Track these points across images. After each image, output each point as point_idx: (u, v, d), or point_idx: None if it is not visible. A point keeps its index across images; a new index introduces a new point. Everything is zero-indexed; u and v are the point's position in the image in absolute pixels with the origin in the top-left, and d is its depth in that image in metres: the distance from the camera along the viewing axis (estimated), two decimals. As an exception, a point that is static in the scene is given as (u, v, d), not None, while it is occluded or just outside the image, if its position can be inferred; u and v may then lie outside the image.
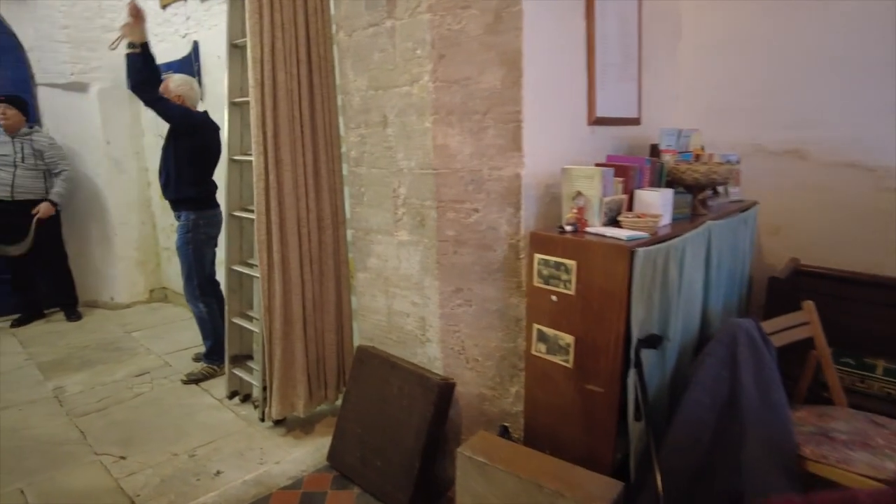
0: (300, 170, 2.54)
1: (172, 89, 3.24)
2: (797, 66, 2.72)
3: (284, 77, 2.43)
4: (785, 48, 2.76)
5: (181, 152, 3.22)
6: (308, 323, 2.69)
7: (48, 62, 4.58)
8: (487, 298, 2.18)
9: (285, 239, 2.55)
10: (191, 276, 3.35)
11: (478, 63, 2.05)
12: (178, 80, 3.29)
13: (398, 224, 2.32)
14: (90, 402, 3.20)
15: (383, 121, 2.28)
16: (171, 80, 3.28)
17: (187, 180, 3.24)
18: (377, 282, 2.48)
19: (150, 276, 5.13)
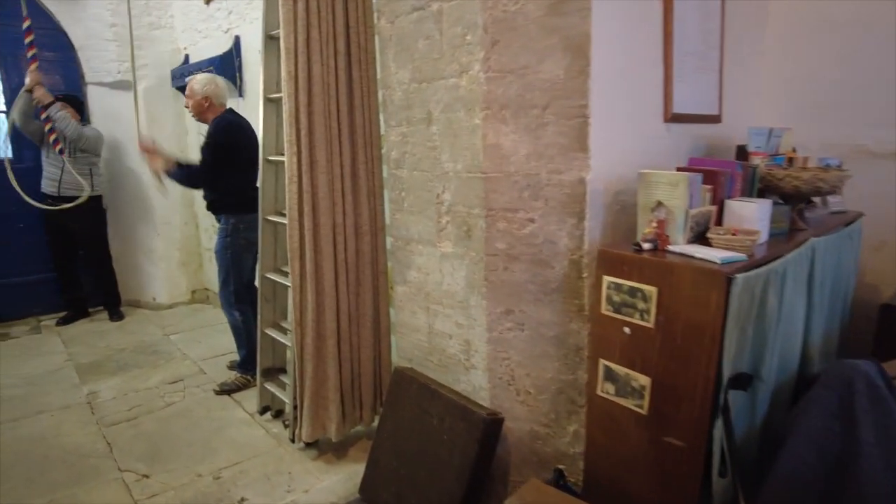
0: (336, 171, 2.31)
1: (198, 91, 3.08)
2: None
3: (320, 70, 2.20)
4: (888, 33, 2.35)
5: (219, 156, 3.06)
6: (342, 338, 2.46)
7: (97, 61, 4.55)
8: (543, 323, 1.89)
9: (319, 247, 2.32)
10: (227, 282, 3.19)
11: (537, 50, 1.76)
12: (203, 80, 3.12)
13: (441, 234, 2.05)
14: (121, 409, 3.08)
15: (427, 117, 2.02)
16: (195, 81, 3.12)
17: (223, 187, 3.08)
18: (417, 297, 2.22)
19: (192, 276, 5.06)
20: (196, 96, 3.08)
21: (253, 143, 3.07)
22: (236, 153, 3.03)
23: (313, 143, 2.23)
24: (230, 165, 3.04)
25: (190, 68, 4.23)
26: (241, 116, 3.16)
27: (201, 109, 3.11)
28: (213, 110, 3.11)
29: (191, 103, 3.10)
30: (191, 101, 3.09)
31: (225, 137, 3.00)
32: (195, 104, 3.10)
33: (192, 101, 3.09)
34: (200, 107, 3.10)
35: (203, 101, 3.08)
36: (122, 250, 4.82)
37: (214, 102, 3.11)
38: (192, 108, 3.12)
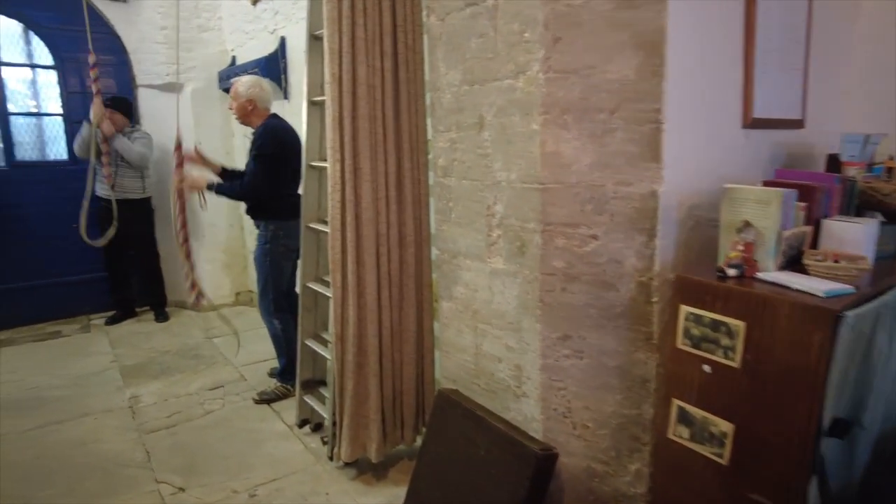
0: (381, 179, 2.18)
1: (243, 93, 3.01)
2: None
3: (366, 71, 2.08)
4: None
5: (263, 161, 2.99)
6: (384, 354, 2.33)
7: (147, 63, 4.59)
8: (605, 351, 1.70)
9: (362, 258, 2.20)
10: (266, 290, 3.11)
11: (604, 47, 1.58)
12: (248, 82, 3.05)
13: (492, 249, 1.89)
14: (161, 416, 3.04)
15: (479, 122, 1.87)
16: (240, 83, 3.05)
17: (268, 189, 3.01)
18: (464, 315, 2.07)
19: (236, 278, 5.05)
20: (240, 99, 3.01)
21: (297, 149, 2.99)
22: (284, 159, 2.95)
23: (357, 150, 2.11)
24: (275, 171, 2.96)
25: (236, 70, 4.20)
26: (284, 121, 3.07)
27: (245, 112, 3.05)
28: (257, 114, 3.04)
29: (235, 106, 3.04)
30: (235, 103, 3.03)
31: (271, 147, 2.92)
32: (239, 107, 3.03)
33: (237, 104, 3.03)
34: (244, 110, 3.04)
35: (247, 103, 3.02)
36: (169, 251, 4.83)
37: (259, 106, 3.04)
38: (236, 110, 3.05)
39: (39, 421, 3.02)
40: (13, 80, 4.46)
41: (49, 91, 4.58)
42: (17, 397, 3.31)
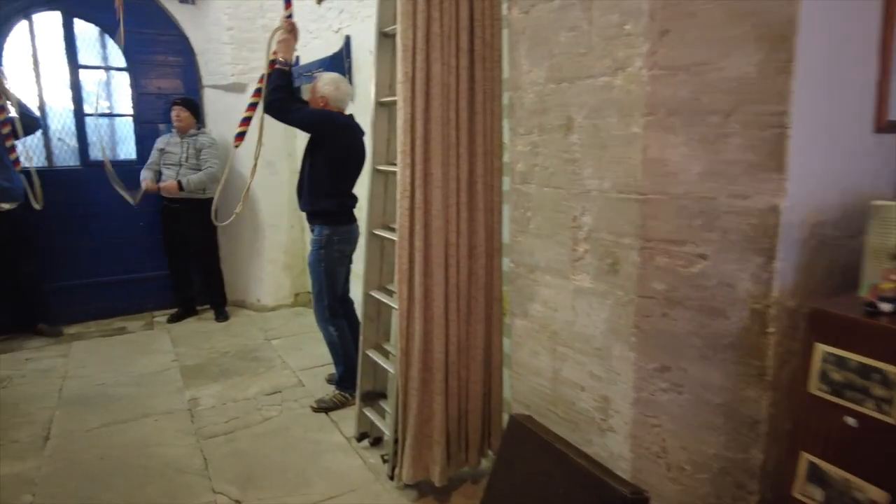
0: (452, 185, 2.03)
1: (318, 90, 2.93)
2: None
3: (440, 69, 1.93)
4: None
5: (319, 161, 2.90)
6: (451, 371, 2.18)
7: (214, 64, 4.62)
8: (709, 385, 1.50)
9: (430, 269, 2.06)
10: (321, 296, 3.02)
11: (721, 41, 1.37)
12: (327, 79, 2.97)
13: (577, 265, 1.71)
14: (219, 421, 3.00)
15: (566, 124, 1.69)
16: (320, 79, 2.98)
17: (324, 192, 2.92)
18: (541, 335, 1.89)
19: (295, 279, 5.03)
20: (314, 94, 2.93)
21: (360, 151, 2.89)
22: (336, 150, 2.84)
23: (429, 154, 1.97)
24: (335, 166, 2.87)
25: (300, 70, 4.16)
26: (356, 123, 2.97)
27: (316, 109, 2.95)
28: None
29: (309, 100, 2.97)
30: (309, 97, 2.95)
31: (330, 123, 2.84)
32: (311, 102, 2.95)
33: (310, 99, 2.95)
34: (316, 106, 2.94)
35: (319, 100, 2.92)
36: (230, 251, 4.88)
37: (330, 104, 2.94)
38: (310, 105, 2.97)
39: (104, 419, 3.03)
40: (89, 83, 4.57)
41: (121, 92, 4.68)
42: (86, 393, 3.35)
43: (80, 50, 4.39)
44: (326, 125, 2.86)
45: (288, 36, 2.83)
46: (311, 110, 2.92)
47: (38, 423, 3.00)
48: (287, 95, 2.83)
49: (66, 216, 4.39)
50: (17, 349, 4.06)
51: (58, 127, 4.44)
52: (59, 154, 4.46)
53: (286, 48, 2.84)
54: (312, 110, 2.92)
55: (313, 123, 2.88)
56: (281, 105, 2.80)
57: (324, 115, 2.89)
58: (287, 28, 2.83)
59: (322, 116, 2.89)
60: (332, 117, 2.90)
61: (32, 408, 3.18)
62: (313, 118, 2.88)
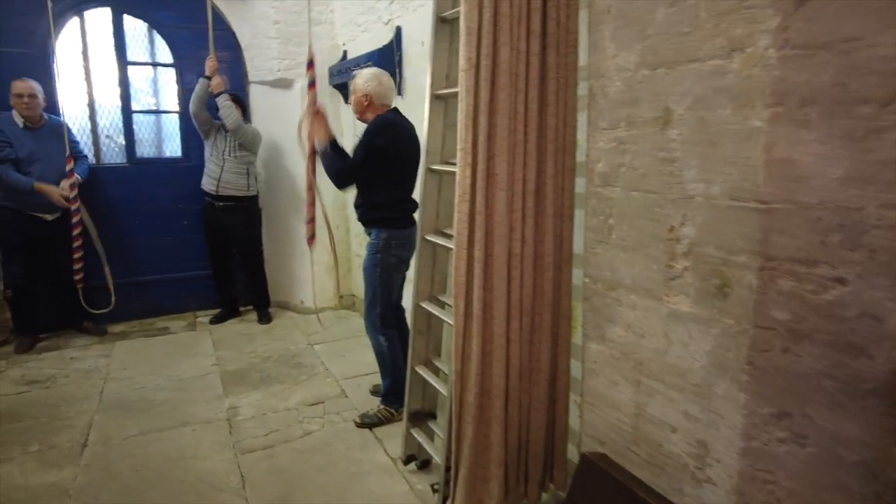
0: (518, 187, 1.79)
1: (360, 87, 2.73)
2: None
3: (509, 55, 1.69)
4: None
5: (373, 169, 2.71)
6: (511, 397, 1.94)
7: (260, 59, 4.50)
8: (843, 439, 1.21)
9: (490, 283, 1.82)
10: (374, 303, 2.83)
11: (878, 10, 1.09)
12: (366, 75, 2.76)
13: (673, 284, 1.44)
14: (258, 434, 2.84)
15: (663, 116, 1.42)
16: (359, 76, 2.78)
17: (377, 201, 2.73)
18: (622, 364, 1.63)
19: (340, 281, 4.87)
20: (357, 93, 2.75)
21: (415, 149, 2.67)
22: (393, 158, 2.65)
23: (493, 152, 1.73)
24: (387, 172, 2.67)
25: (347, 64, 3.99)
26: (404, 118, 2.77)
27: (361, 108, 2.77)
28: (373, 110, 2.75)
29: (352, 100, 2.79)
30: (353, 96, 2.78)
31: (382, 139, 2.62)
32: (355, 101, 2.78)
33: (353, 98, 2.78)
34: (360, 105, 2.76)
35: (363, 98, 2.74)
36: (274, 251, 4.76)
37: (374, 101, 2.75)
38: (353, 105, 2.80)
39: (143, 426, 2.92)
40: (137, 79, 4.52)
41: (167, 89, 4.62)
42: (126, 397, 3.26)
43: (130, 47, 4.34)
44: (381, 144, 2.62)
45: (316, 121, 2.74)
46: (358, 149, 2.67)
47: (78, 428, 2.90)
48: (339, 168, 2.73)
49: (111, 214, 4.35)
50: (63, 347, 4.03)
51: (106, 124, 4.40)
52: (107, 152, 4.42)
53: (319, 131, 2.72)
54: (359, 148, 2.67)
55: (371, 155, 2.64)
56: (341, 177, 2.76)
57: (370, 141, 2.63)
58: (312, 115, 2.75)
59: (369, 144, 2.63)
60: (377, 132, 2.64)
61: (73, 410, 3.10)
62: (366, 151, 2.64)
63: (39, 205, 3.75)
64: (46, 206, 3.78)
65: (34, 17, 3.52)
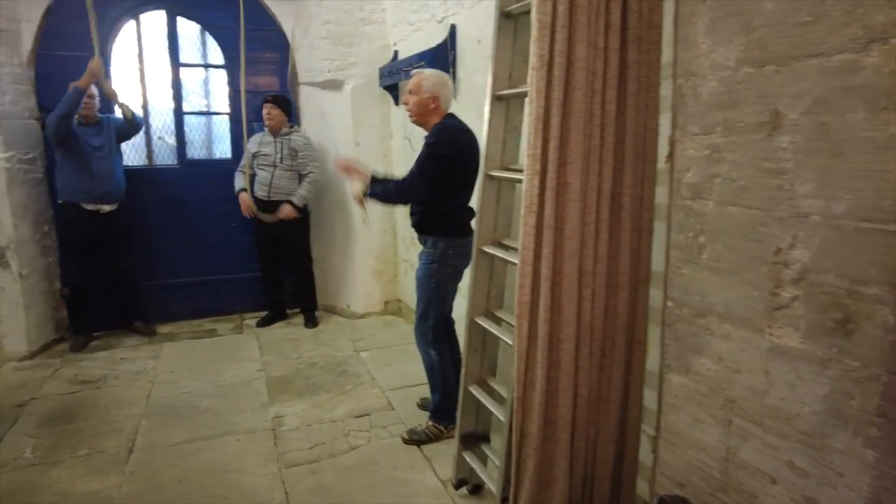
0: (592, 198, 1.61)
1: (427, 88, 2.55)
2: None
3: (585, 52, 1.52)
4: None
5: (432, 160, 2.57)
6: (577, 428, 1.76)
7: (310, 60, 4.44)
8: None
9: (558, 303, 1.65)
10: (426, 315, 2.69)
11: None
12: (434, 76, 2.60)
13: (779, 315, 1.24)
14: (303, 447, 2.75)
15: (771, 122, 1.23)
16: (424, 77, 2.59)
17: (436, 209, 2.59)
18: (709, 400, 1.44)
19: (386, 286, 4.77)
20: (422, 94, 2.56)
21: (475, 155, 2.53)
22: (457, 166, 2.50)
23: (565, 158, 1.56)
24: (449, 180, 2.53)
25: (399, 65, 3.87)
26: (463, 123, 2.62)
27: (425, 111, 2.59)
28: (437, 113, 2.59)
29: (414, 101, 2.59)
30: (415, 98, 2.58)
31: (449, 148, 2.47)
32: (420, 103, 2.58)
33: (417, 99, 2.57)
34: (425, 107, 2.58)
35: (430, 100, 2.56)
36: (321, 255, 4.69)
37: (441, 105, 2.59)
38: (415, 107, 2.59)
39: (187, 434, 2.87)
40: (189, 81, 4.54)
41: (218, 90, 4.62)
42: (172, 402, 3.23)
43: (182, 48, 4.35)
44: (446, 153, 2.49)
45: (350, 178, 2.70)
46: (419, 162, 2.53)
47: (125, 433, 2.88)
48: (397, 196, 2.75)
49: (162, 215, 4.37)
50: (114, 346, 4.06)
51: (158, 125, 4.42)
52: (158, 153, 4.44)
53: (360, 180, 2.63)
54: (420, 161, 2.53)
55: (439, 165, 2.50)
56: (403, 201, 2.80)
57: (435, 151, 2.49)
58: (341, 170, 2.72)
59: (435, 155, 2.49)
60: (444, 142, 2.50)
61: (121, 414, 3.09)
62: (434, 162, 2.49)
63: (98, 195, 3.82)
64: (104, 196, 3.84)
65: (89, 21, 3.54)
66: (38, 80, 3.93)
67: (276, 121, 4.13)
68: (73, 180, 3.75)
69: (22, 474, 2.54)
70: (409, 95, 2.60)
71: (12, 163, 3.66)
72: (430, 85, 2.54)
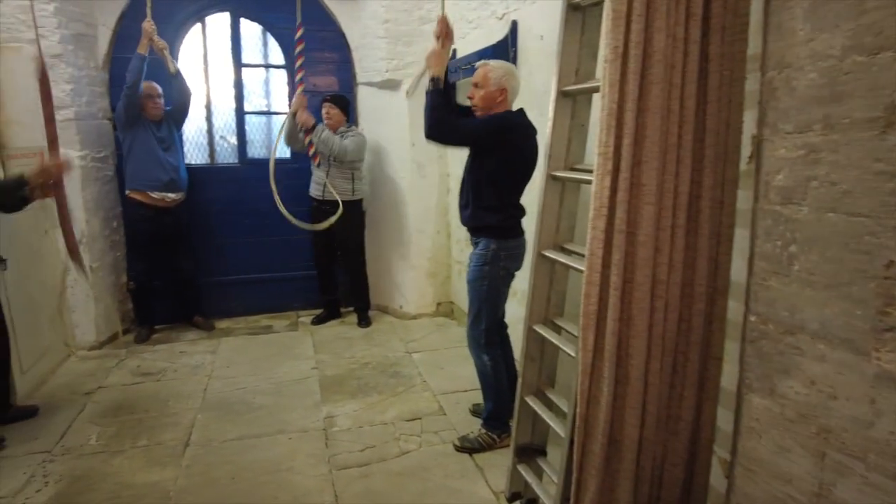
0: (668, 200, 1.49)
1: (495, 80, 2.47)
2: None
3: (664, 42, 1.40)
4: None
5: (485, 169, 2.50)
6: (644, 448, 1.64)
7: (368, 60, 4.43)
8: None
9: (628, 314, 1.53)
10: (479, 319, 2.61)
11: None
12: (502, 68, 2.51)
13: (888, 336, 1.09)
14: (354, 449, 2.72)
15: (885, 117, 1.08)
16: (491, 69, 2.51)
17: (489, 204, 2.51)
18: (798, 428, 1.29)
19: (439, 288, 4.72)
20: (489, 87, 2.48)
21: (534, 154, 2.44)
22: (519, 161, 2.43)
23: (640, 157, 1.44)
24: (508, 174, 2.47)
25: (457, 63, 3.80)
26: (527, 118, 2.52)
27: (492, 104, 2.50)
28: (504, 105, 2.51)
29: (480, 94, 2.50)
30: (481, 91, 2.49)
31: (505, 132, 2.42)
32: (486, 96, 2.49)
33: (484, 92, 2.49)
34: (492, 100, 2.49)
35: (498, 93, 2.47)
36: (375, 255, 4.69)
37: (508, 99, 2.50)
38: (481, 100, 2.51)
39: (241, 430, 2.89)
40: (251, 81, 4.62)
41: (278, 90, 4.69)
42: (227, 398, 3.27)
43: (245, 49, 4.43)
44: (500, 132, 2.44)
45: (438, 49, 2.50)
46: (479, 121, 2.49)
47: (182, 427, 2.93)
48: (444, 115, 2.48)
49: (222, 212, 4.46)
50: (174, 340, 4.18)
51: (220, 125, 4.52)
52: (220, 152, 4.54)
53: (437, 61, 2.49)
54: (480, 120, 2.50)
55: (484, 135, 2.46)
56: (442, 125, 2.49)
57: (495, 122, 2.46)
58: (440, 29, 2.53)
59: (493, 124, 2.46)
60: (505, 120, 2.46)
61: (179, 407, 3.15)
62: (484, 129, 2.46)
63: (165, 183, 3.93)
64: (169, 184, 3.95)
65: (161, 25, 3.65)
66: (112, 82, 4.09)
67: (334, 120, 4.14)
68: (141, 168, 3.88)
69: (87, 461, 2.62)
70: (474, 89, 2.53)
71: (86, 161, 3.81)
72: (498, 77, 2.47)
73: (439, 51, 2.50)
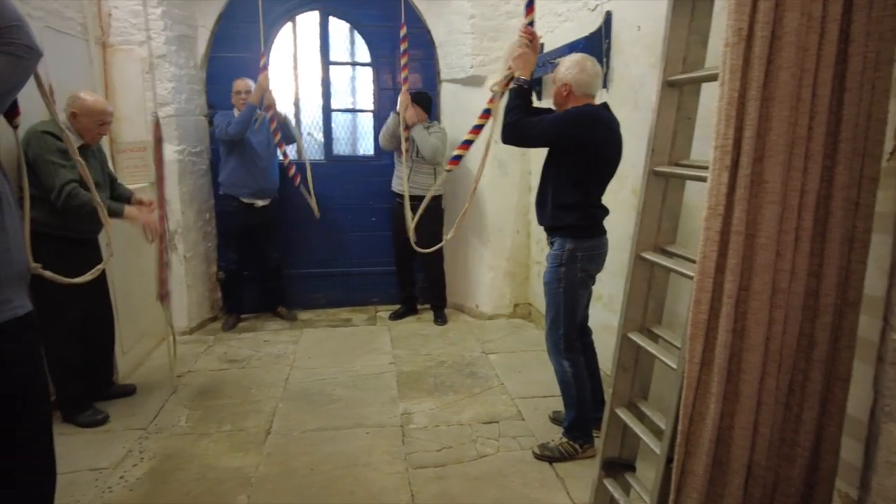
0: (793, 200, 1.33)
1: (560, 76, 2.41)
2: None
3: (797, 21, 1.24)
4: None
5: (562, 168, 2.42)
6: (753, 474, 1.48)
7: (453, 56, 4.40)
8: None
9: (743, 325, 1.38)
10: (556, 323, 2.50)
11: None
12: (569, 62, 2.42)
13: None
14: (431, 448, 2.68)
15: None
16: (561, 64, 2.45)
17: (566, 202, 2.42)
18: (958, 466, 1.11)
19: (517, 288, 4.62)
20: (556, 83, 2.44)
21: (616, 149, 2.32)
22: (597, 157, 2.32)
23: (763, 152, 1.29)
24: (586, 171, 2.37)
25: (545, 57, 3.68)
26: (610, 112, 2.40)
27: (559, 100, 2.46)
28: (573, 101, 2.42)
29: (552, 92, 2.49)
30: (553, 88, 2.48)
31: (577, 128, 2.32)
32: (554, 92, 2.47)
33: (553, 89, 2.47)
34: (559, 96, 2.45)
35: (562, 88, 2.41)
36: (453, 253, 4.65)
37: (575, 91, 2.40)
38: (552, 97, 2.50)
39: (320, 422, 2.93)
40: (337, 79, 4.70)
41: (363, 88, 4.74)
42: (307, 388, 3.33)
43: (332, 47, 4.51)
44: (572, 127, 2.34)
45: (526, 50, 2.39)
46: (553, 118, 2.40)
47: (264, 414, 3.01)
48: (522, 115, 2.39)
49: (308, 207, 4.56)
50: (259, 329, 4.32)
51: (308, 122, 4.63)
52: (308, 148, 4.65)
53: (524, 63, 2.40)
54: (554, 118, 2.40)
55: (559, 134, 2.37)
56: (515, 128, 2.40)
57: (566, 118, 2.36)
58: (526, 39, 2.39)
59: (564, 120, 2.36)
60: (578, 116, 2.35)
61: (262, 395, 3.24)
62: (554, 126, 2.37)
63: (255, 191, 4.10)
64: (259, 192, 4.12)
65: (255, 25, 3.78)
66: (209, 80, 4.28)
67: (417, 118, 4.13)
68: (235, 176, 4.06)
69: (176, 441, 2.73)
70: (551, 86, 2.48)
71: (183, 155, 4.01)
72: (563, 71, 2.41)
73: (527, 53, 2.40)
